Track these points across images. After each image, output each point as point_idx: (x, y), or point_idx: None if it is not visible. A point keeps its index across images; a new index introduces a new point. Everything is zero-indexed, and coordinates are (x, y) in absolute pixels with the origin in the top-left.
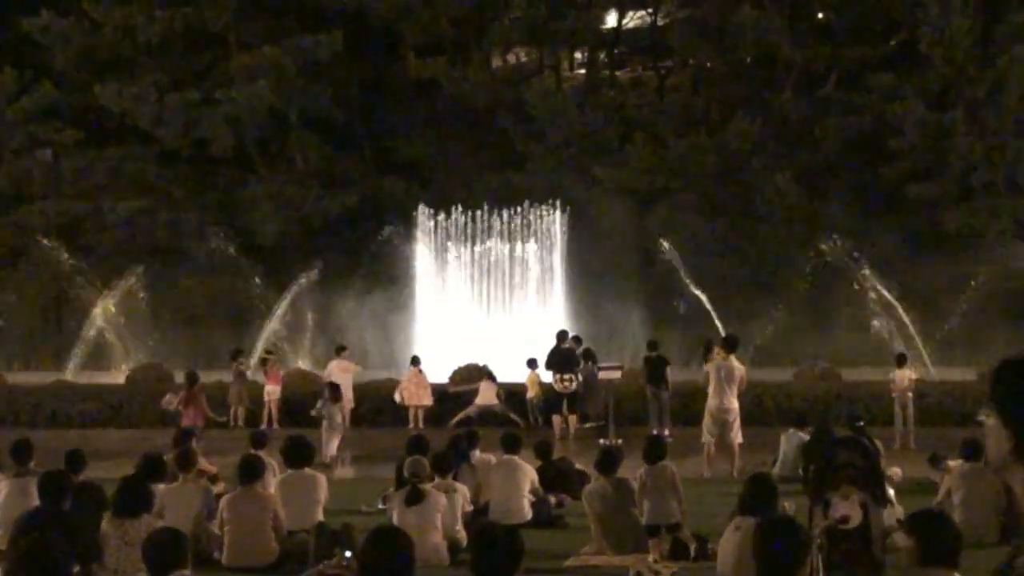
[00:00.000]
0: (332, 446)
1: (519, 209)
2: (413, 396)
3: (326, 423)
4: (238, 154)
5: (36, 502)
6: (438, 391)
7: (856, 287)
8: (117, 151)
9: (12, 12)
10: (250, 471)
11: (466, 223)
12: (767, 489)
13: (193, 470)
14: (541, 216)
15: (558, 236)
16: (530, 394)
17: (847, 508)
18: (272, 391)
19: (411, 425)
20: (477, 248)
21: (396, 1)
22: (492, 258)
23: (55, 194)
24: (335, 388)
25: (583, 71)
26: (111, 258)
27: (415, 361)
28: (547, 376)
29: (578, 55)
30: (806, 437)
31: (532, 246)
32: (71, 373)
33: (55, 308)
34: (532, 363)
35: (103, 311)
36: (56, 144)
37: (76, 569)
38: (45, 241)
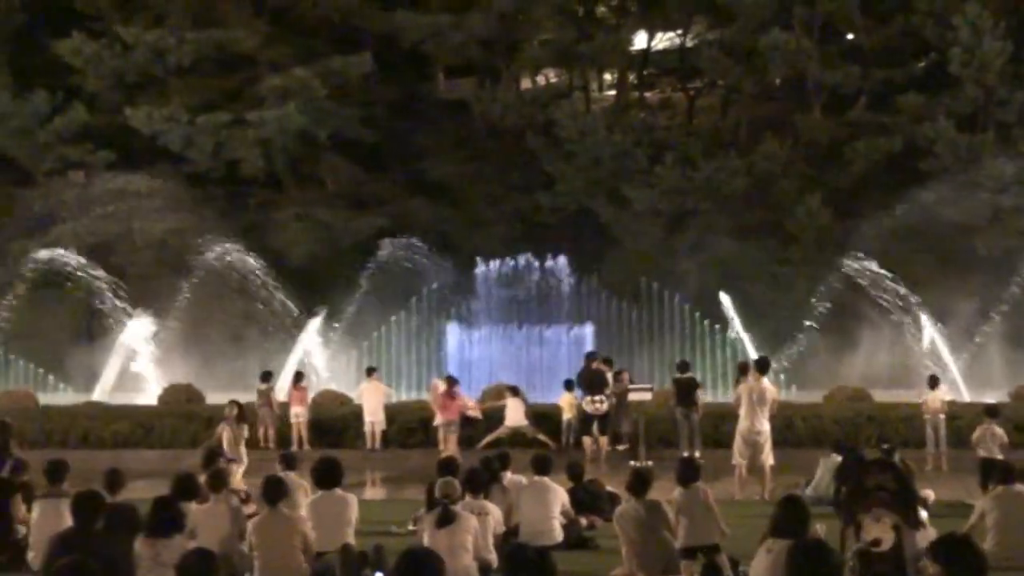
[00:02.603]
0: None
1: (548, 230)
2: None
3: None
4: (268, 176)
5: (69, 522)
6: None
7: (887, 309)
8: (147, 173)
9: (44, 35)
10: (274, 492)
11: (497, 243)
12: (799, 511)
13: (225, 490)
14: (570, 237)
15: (587, 257)
16: (566, 416)
17: (879, 531)
18: (299, 413)
19: (441, 447)
20: (506, 270)
21: (426, 22)
22: (522, 278)
23: (87, 215)
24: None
25: (612, 92)
26: (142, 279)
27: (449, 380)
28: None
29: (607, 76)
30: (839, 459)
31: (562, 266)
32: (103, 394)
33: (87, 329)
34: (568, 385)
35: (135, 332)
36: (88, 166)
37: None
38: (82, 259)
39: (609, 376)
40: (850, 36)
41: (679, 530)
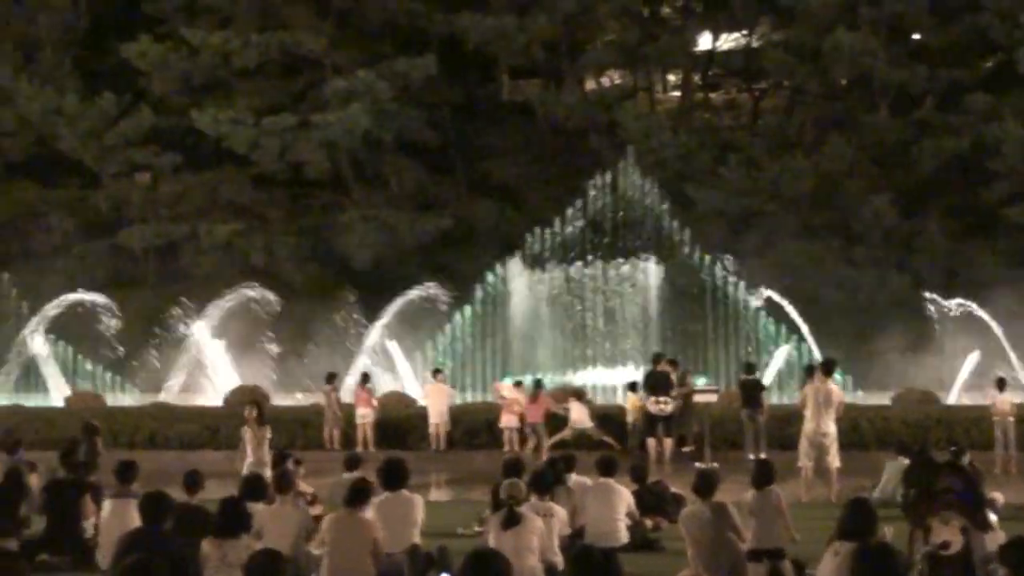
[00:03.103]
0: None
1: (613, 230)
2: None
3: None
4: (333, 178)
5: (137, 523)
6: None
7: (949, 310)
8: (213, 175)
9: (112, 38)
10: (358, 496)
11: (562, 245)
12: (867, 514)
13: (291, 492)
14: (635, 237)
15: (652, 258)
16: (631, 417)
17: (948, 534)
18: (365, 414)
19: (506, 448)
20: (572, 269)
21: (490, 24)
22: (587, 280)
23: (153, 217)
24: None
25: (677, 93)
26: (208, 281)
27: (517, 384)
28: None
29: (672, 77)
30: (906, 462)
31: (627, 269)
32: (169, 395)
33: (155, 331)
34: (633, 386)
35: (200, 334)
36: (154, 168)
37: None
38: (147, 255)
39: (674, 378)
40: (917, 36)
41: (748, 532)
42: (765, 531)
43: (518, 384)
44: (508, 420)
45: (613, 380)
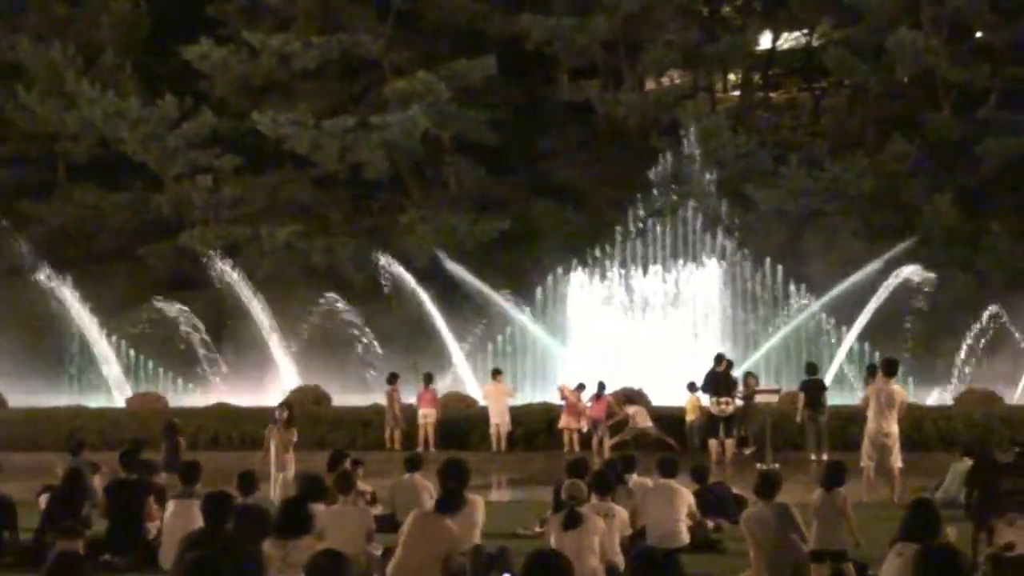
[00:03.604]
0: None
1: (675, 230)
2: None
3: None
4: (393, 179)
5: (200, 523)
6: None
7: (1018, 310)
8: (274, 177)
9: (173, 42)
10: (451, 502)
11: (622, 245)
12: (930, 515)
13: (352, 492)
14: (694, 238)
15: (713, 257)
16: (690, 417)
17: (1013, 535)
18: (427, 414)
19: (566, 449)
20: (632, 270)
21: (550, 25)
22: (647, 280)
23: (215, 219)
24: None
25: (737, 93)
26: (269, 282)
27: (580, 387)
28: (706, 399)
29: (732, 77)
30: (970, 463)
31: (689, 265)
32: (230, 395)
33: (216, 332)
34: (692, 387)
35: (263, 333)
36: (215, 170)
37: None
38: (213, 256)
39: (736, 378)
40: (979, 34)
41: (812, 532)
42: (829, 532)
43: (581, 388)
44: (568, 421)
45: (673, 380)
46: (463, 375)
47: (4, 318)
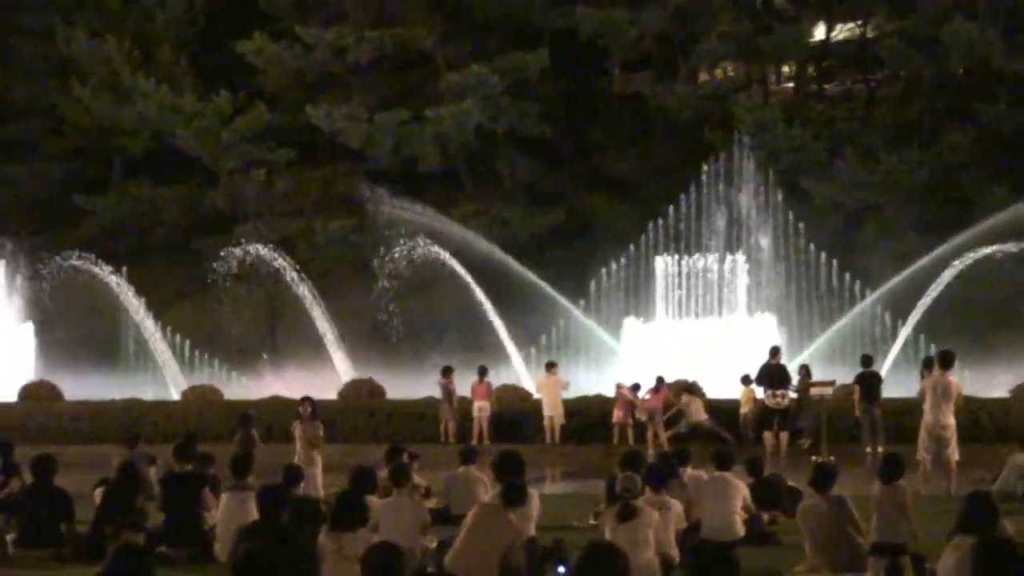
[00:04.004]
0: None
1: (728, 224)
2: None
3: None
4: (446, 172)
5: (254, 515)
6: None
7: None
8: (328, 170)
9: (226, 36)
10: (515, 496)
11: (675, 237)
12: (987, 508)
13: (407, 485)
14: (747, 230)
15: (766, 251)
16: (743, 410)
17: None
18: (483, 407)
19: (615, 442)
20: (685, 262)
21: (603, 17)
22: (700, 272)
23: (268, 213)
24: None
25: (791, 84)
26: (323, 275)
27: (635, 387)
28: (761, 392)
29: (786, 68)
30: None
31: (740, 260)
32: (285, 388)
33: (271, 325)
34: (746, 379)
35: (316, 327)
36: (269, 164)
37: None
38: (266, 250)
39: (791, 370)
40: None
41: (872, 525)
42: (888, 526)
43: (636, 388)
44: (620, 416)
45: (727, 372)
46: (517, 368)
47: (60, 312)
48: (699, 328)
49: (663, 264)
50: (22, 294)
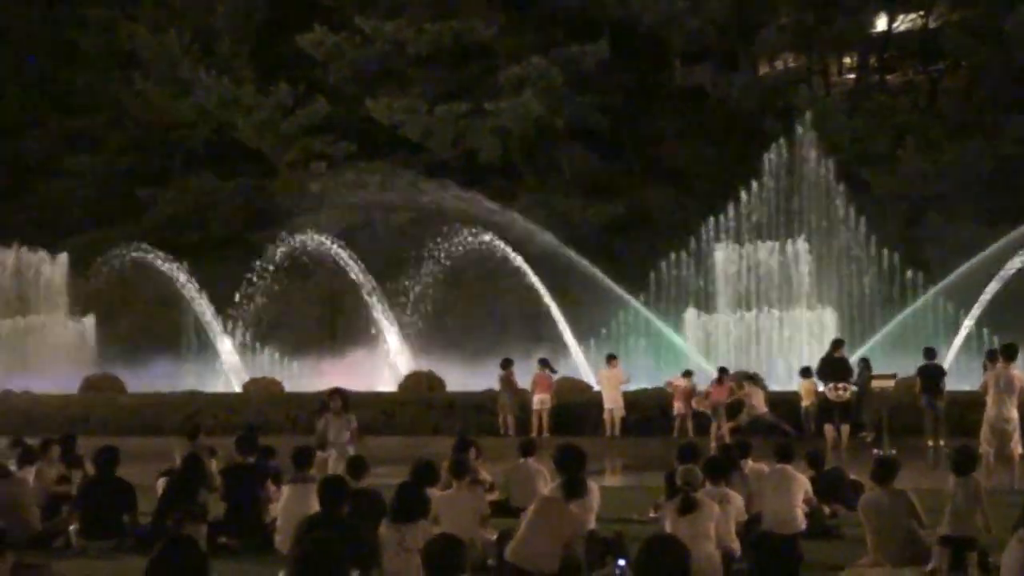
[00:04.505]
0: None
1: (789, 215)
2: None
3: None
4: (505, 164)
5: (316, 507)
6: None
7: None
8: (388, 163)
9: (287, 29)
10: (576, 488)
11: (735, 228)
12: None
13: (467, 477)
14: (808, 222)
15: (829, 242)
16: (805, 403)
17: None
18: (544, 400)
19: (675, 434)
20: (745, 253)
21: (663, 9)
22: (760, 264)
23: (328, 206)
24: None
25: (852, 76)
26: (383, 269)
27: (687, 373)
28: (822, 385)
29: (847, 59)
30: None
31: (803, 250)
32: (344, 381)
33: (330, 318)
34: (806, 372)
35: (377, 320)
36: (329, 156)
37: (355, 573)
38: (326, 242)
39: (852, 363)
40: None
41: (945, 518)
42: (961, 519)
43: (688, 373)
44: (680, 407)
45: (786, 367)
46: (577, 360)
47: (122, 305)
48: (760, 320)
49: (723, 256)
50: (84, 286)
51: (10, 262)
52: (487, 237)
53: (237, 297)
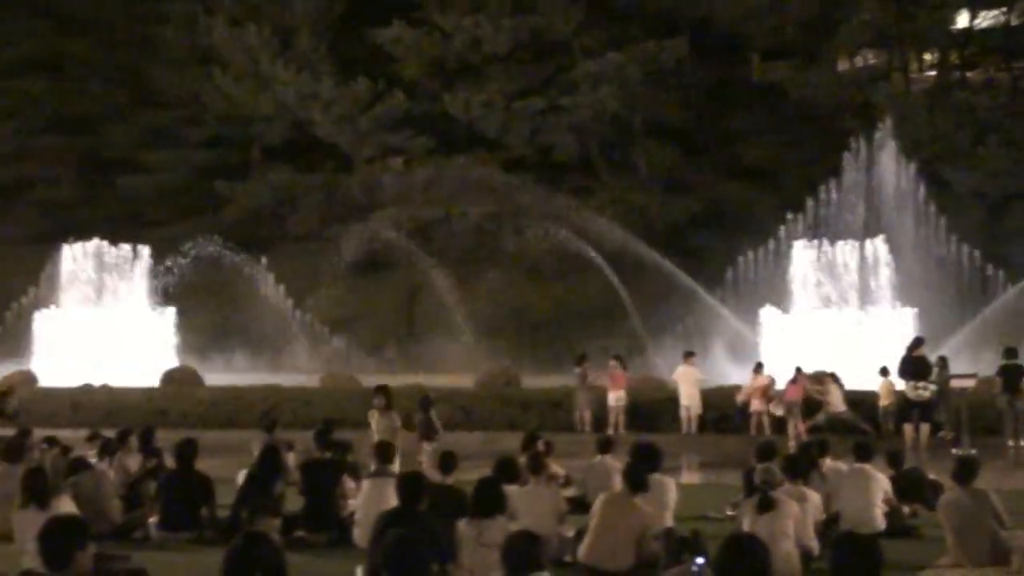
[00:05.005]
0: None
1: (868, 213)
2: (757, 403)
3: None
4: (582, 161)
5: (394, 502)
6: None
7: None
8: (465, 158)
9: (365, 24)
10: (638, 482)
11: (814, 226)
12: None
13: (544, 473)
14: (888, 219)
15: (909, 240)
16: (884, 402)
17: None
18: (619, 396)
19: (752, 432)
20: (823, 251)
21: (742, 5)
22: (839, 262)
23: (405, 201)
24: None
25: (933, 73)
26: (459, 263)
27: (758, 367)
28: (900, 384)
29: (928, 56)
30: None
31: (882, 249)
32: (422, 376)
33: (407, 313)
34: (884, 371)
35: (454, 315)
36: (406, 152)
37: (434, 568)
38: (403, 237)
39: (932, 362)
40: None
41: None
42: None
43: (759, 367)
44: (759, 405)
45: (866, 364)
46: (653, 357)
47: (200, 299)
48: (838, 318)
49: (801, 253)
50: (164, 279)
51: (91, 255)
52: (563, 233)
53: (314, 291)
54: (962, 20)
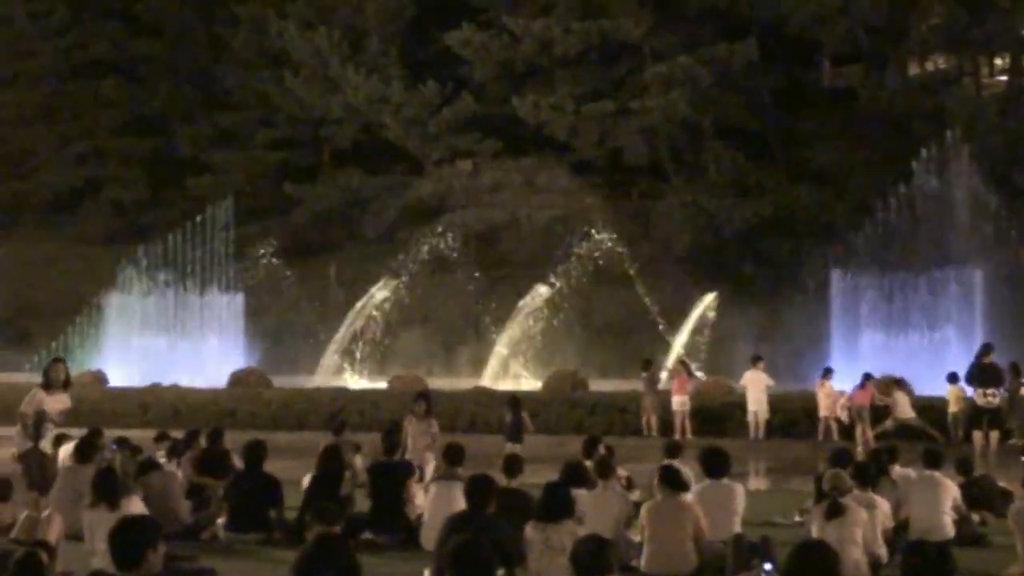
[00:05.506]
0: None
1: (940, 219)
2: (826, 408)
3: None
4: (651, 164)
5: (462, 505)
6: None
7: None
8: (533, 161)
9: (435, 27)
10: (675, 480)
11: (884, 231)
12: None
13: (612, 477)
14: (958, 227)
15: (979, 247)
16: (952, 409)
17: None
18: (683, 401)
19: (820, 438)
20: (893, 258)
21: (813, 8)
22: (909, 268)
23: (474, 203)
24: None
25: (1004, 77)
26: (527, 266)
27: (827, 371)
28: (970, 391)
29: (999, 61)
30: None
31: (952, 257)
32: (489, 379)
33: (475, 315)
34: (953, 377)
35: (520, 318)
36: (475, 155)
37: (501, 572)
38: (472, 240)
39: (1003, 369)
40: None
41: None
42: None
43: (828, 372)
44: (827, 410)
45: (936, 370)
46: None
47: (268, 301)
48: (906, 323)
49: (868, 257)
50: (234, 281)
51: (160, 256)
52: (632, 236)
53: (383, 293)
54: None
